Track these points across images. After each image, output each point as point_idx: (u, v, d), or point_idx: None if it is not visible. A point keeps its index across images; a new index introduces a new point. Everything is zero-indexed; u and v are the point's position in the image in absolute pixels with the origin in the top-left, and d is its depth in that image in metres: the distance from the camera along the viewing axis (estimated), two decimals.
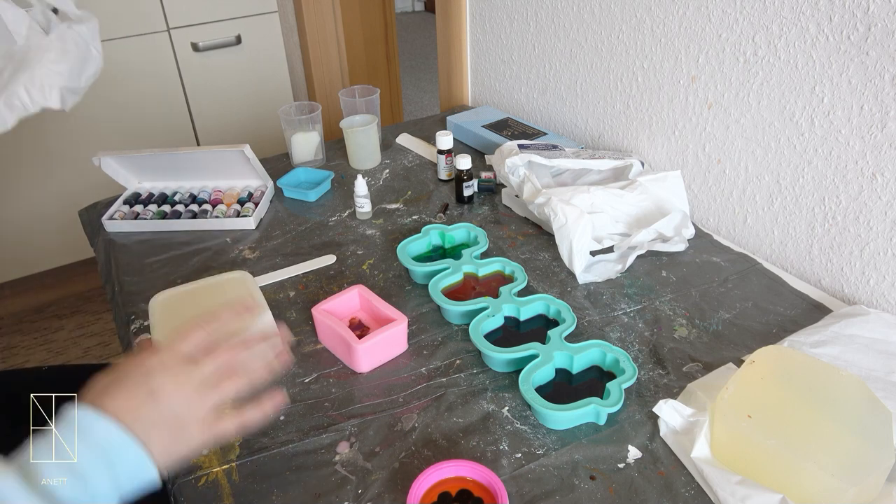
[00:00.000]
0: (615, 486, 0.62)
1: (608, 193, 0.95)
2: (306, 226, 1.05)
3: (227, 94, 1.98)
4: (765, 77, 0.88)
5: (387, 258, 0.96)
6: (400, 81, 2.57)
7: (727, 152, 0.96)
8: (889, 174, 0.78)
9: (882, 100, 0.76)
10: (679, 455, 0.64)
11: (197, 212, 1.07)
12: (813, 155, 0.85)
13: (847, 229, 0.84)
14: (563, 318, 0.79)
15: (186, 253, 0.99)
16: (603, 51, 1.12)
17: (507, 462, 0.64)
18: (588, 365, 0.75)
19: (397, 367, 0.76)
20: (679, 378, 0.74)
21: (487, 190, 1.12)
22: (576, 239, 0.89)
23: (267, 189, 1.12)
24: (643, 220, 0.95)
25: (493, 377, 0.75)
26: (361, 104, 1.24)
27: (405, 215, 1.07)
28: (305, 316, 0.85)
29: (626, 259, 0.91)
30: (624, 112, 1.12)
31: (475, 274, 0.88)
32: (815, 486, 0.56)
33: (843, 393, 0.62)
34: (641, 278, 0.90)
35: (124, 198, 1.12)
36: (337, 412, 0.71)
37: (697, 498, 0.60)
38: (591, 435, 0.67)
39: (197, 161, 1.11)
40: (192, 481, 0.63)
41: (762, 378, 0.64)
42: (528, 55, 1.31)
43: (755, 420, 0.60)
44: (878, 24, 0.74)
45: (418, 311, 0.85)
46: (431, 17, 4.70)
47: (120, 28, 1.74)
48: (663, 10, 0.98)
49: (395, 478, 0.63)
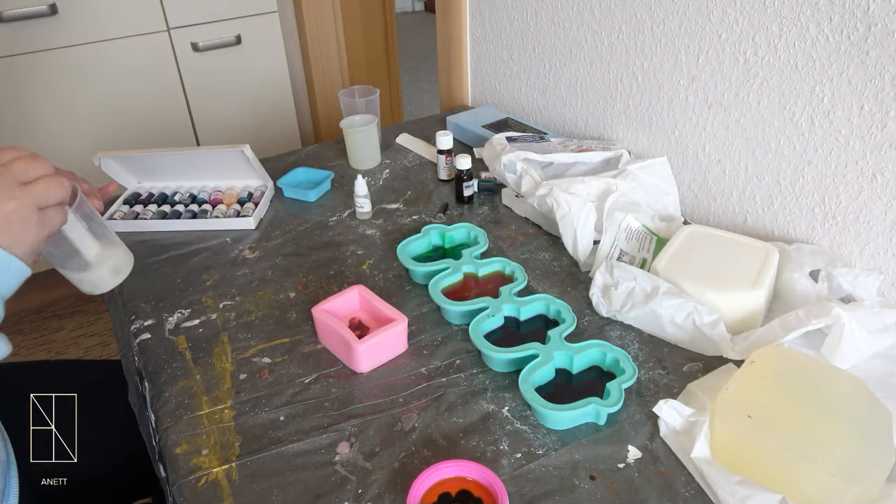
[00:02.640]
0: (615, 486, 0.62)
1: (601, 182, 0.96)
2: (306, 226, 1.05)
3: (227, 94, 1.98)
4: (765, 77, 0.88)
5: (387, 258, 0.96)
6: (400, 81, 2.57)
7: (727, 152, 0.96)
8: (889, 174, 0.78)
9: (882, 100, 0.76)
10: (679, 455, 0.64)
11: (197, 212, 1.07)
12: (813, 155, 0.85)
13: (847, 229, 0.84)
14: (563, 318, 0.79)
15: (186, 253, 0.99)
16: (603, 51, 1.12)
17: (507, 462, 0.64)
18: (588, 365, 0.75)
19: (397, 367, 0.76)
20: (679, 378, 0.74)
21: (487, 190, 1.12)
22: (580, 227, 0.90)
23: (267, 189, 1.12)
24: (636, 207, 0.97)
25: (493, 377, 0.75)
26: (361, 104, 1.24)
27: (405, 215, 1.07)
28: (305, 316, 0.85)
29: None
30: (624, 112, 1.12)
31: (475, 274, 0.88)
32: (815, 486, 0.56)
33: (843, 393, 0.62)
34: None
35: (124, 198, 1.12)
36: (337, 412, 0.71)
37: (697, 498, 0.60)
38: (591, 435, 0.67)
39: (197, 161, 1.11)
40: (192, 481, 0.63)
41: (762, 378, 0.64)
42: (528, 55, 1.31)
43: (755, 420, 0.60)
44: (878, 24, 0.74)
45: (418, 311, 0.85)
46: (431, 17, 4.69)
47: (120, 28, 1.75)
48: (663, 10, 0.98)
49: (395, 478, 0.63)
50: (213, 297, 0.89)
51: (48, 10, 1.63)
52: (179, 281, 0.92)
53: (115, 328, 0.90)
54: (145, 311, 0.87)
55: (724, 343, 0.74)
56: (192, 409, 0.71)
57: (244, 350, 0.79)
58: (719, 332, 0.74)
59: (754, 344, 0.73)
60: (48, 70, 1.70)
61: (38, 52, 1.67)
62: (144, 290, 0.90)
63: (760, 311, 0.78)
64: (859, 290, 0.77)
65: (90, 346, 1.79)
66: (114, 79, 1.78)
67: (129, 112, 1.84)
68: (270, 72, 2.02)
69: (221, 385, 0.74)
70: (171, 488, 0.64)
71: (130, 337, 0.83)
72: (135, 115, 1.85)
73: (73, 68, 1.72)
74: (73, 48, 1.70)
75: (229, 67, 1.94)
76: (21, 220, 0.54)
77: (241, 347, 0.80)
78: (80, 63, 1.72)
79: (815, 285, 0.78)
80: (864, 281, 0.78)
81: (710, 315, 0.75)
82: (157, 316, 0.86)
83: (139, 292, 0.90)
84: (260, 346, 0.80)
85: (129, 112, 1.84)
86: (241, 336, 0.82)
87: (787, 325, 0.72)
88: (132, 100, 1.83)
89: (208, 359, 0.78)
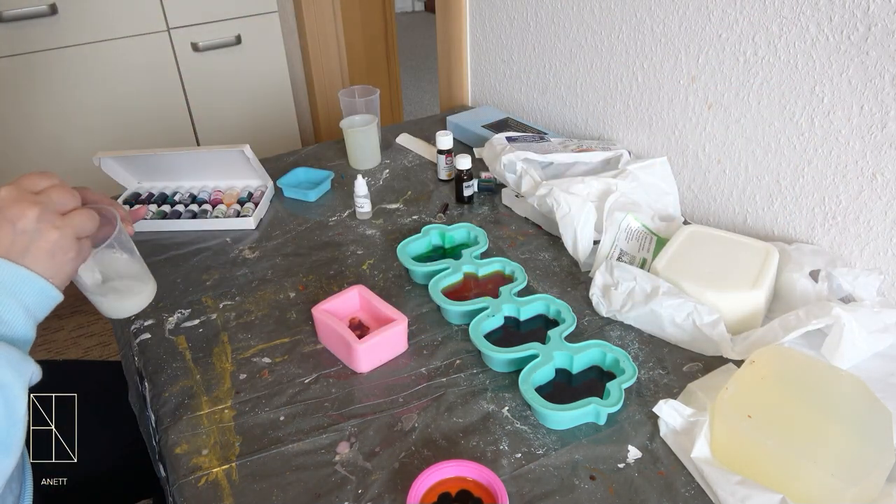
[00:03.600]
0: (615, 486, 0.62)
1: (601, 182, 0.96)
2: (306, 226, 1.05)
3: (227, 94, 1.98)
4: (765, 77, 0.88)
5: (387, 258, 0.96)
6: (400, 81, 2.57)
7: (727, 152, 0.96)
8: (889, 174, 0.78)
9: (882, 100, 0.76)
10: (679, 455, 0.64)
11: (197, 212, 1.07)
12: (813, 155, 0.85)
13: (847, 229, 0.84)
14: (563, 318, 0.79)
15: (186, 253, 0.99)
16: (603, 51, 1.12)
17: (507, 462, 0.64)
18: (588, 365, 0.75)
19: (397, 367, 0.76)
20: (679, 378, 0.74)
21: (487, 190, 1.12)
22: (580, 227, 0.90)
23: (267, 189, 1.12)
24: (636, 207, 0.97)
25: (493, 377, 0.75)
26: (361, 104, 1.24)
27: (405, 215, 1.07)
28: (305, 316, 0.85)
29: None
30: (624, 112, 1.12)
31: (475, 274, 0.88)
32: (815, 486, 0.56)
33: (843, 393, 0.62)
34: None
35: (124, 198, 1.12)
36: (337, 412, 0.71)
37: (697, 498, 0.60)
38: (591, 435, 0.67)
39: (197, 161, 1.11)
40: (192, 481, 0.63)
41: (762, 378, 0.64)
42: (528, 55, 1.31)
43: (755, 420, 0.60)
44: (878, 24, 0.74)
45: (418, 311, 0.85)
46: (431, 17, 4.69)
47: (120, 28, 1.75)
48: (663, 10, 0.98)
49: (395, 478, 0.63)
50: (213, 297, 0.89)
51: (48, 10, 1.63)
52: (179, 281, 0.92)
53: (115, 328, 0.90)
54: (145, 311, 0.86)
55: (724, 343, 0.74)
56: (192, 409, 0.71)
57: (244, 350, 0.79)
58: (719, 332, 0.74)
59: (754, 344, 0.73)
60: (48, 70, 1.70)
61: (38, 52, 1.67)
62: None
63: (760, 311, 0.78)
64: (859, 290, 0.77)
65: (90, 346, 1.79)
66: (114, 79, 1.78)
67: (129, 112, 1.84)
68: (270, 72, 2.02)
69: (221, 385, 0.74)
70: (171, 488, 0.64)
71: (130, 337, 0.83)
72: (135, 115, 1.85)
73: (73, 68, 1.72)
74: (73, 48, 1.70)
75: (229, 67, 1.94)
76: (62, 251, 0.55)
77: (241, 347, 0.80)
78: (80, 63, 1.72)
79: (815, 285, 0.78)
80: (864, 281, 0.78)
81: (710, 315, 0.75)
82: (157, 316, 0.86)
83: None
84: (260, 346, 0.80)
85: (129, 112, 1.84)
86: (241, 336, 0.82)
87: (787, 325, 0.72)
88: (132, 100, 1.83)
89: (208, 359, 0.78)
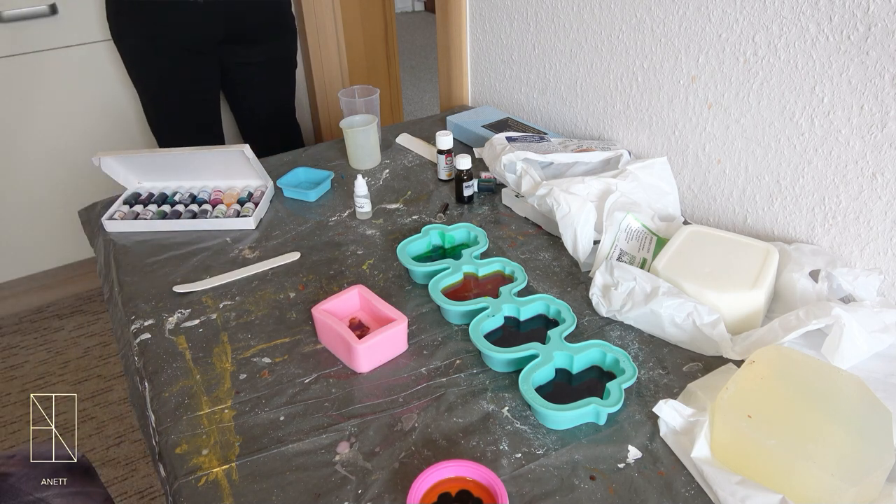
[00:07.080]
0: (615, 486, 0.62)
1: (601, 182, 0.96)
2: (306, 226, 1.05)
3: None
4: (765, 77, 0.88)
5: (387, 258, 0.96)
6: (400, 81, 2.57)
7: (727, 152, 0.96)
8: (889, 174, 0.78)
9: (882, 100, 0.76)
10: (679, 455, 0.64)
11: (197, 212, 1.07)
12: (813, 155, 0.85)
13: (847, 229, 0.84)
14: (563, 318, 0.79)
15: (186, 253, 0.99)
16: (603, 51, 1.12)
17: (507, 462, 0.64)
18: (588, 365, 0.75)
19: (397, 367, 0.76)
20: (679, 378, 0.74)
21: (487, 190, 1.12)
22: (580, 227, 0.90)
23: (267, 189, 1.12)
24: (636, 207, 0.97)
25: (493, 377, 0.75)
26: (361, 104, 1.24)
27: (405, 215, 1.07)
28: (305, 316, 0.85)
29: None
30: (624, 112, 1.12)
31: (475, 274, 0.88)
32: (815, 486, 0.56)
33: (843, 393, 0.62)
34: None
35: (124, 198, 1.12)
36: (337, 412, 0.71)
37: (697, 498, 0.60)
38: (591, 435, 0.67)
39: (197, 161, 1.11)
40: (192, 481, 0.63)
41: (762, 378, 0.64)
42: (528, 55, 1.31)
43: (755, 420, 0.60)
44: (878, 24, 0.74)
45: (418, 311, 0.85)
46: (431, 17, 4.69)
47: None
48: (663, 10, 0.98)
49: (395, 478, 0.63)
50: (213, 297, 0.89)
51: (48, 10, 1.63)
52: (179, 281, 0.92)
53: (115, 328, 0.90)
54: (145, 311, 0.87)
55: (724, 343, 0.74)
56: (192, 409, 0.71)
57: (244, 350, 0.79)
58: (719, 332, 0.74)
59: (754, 344, 0.73)
60: (48, 70, 1.70)
61: (38, 52, 1.67)
62: (144, 290, 0.90)
63: (760, 311, 0.78)
64: (859, 290, 0.77)
65: (90, 346, 1.79)
66: (113, 79, 1.78)
67: (129, 112, 1.84)
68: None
69: (221, 385, 0.74)
70: (170, 488, 0.64)
71: (130, 337, 0.83)
72: (135, 115, 1.84)
73: (73, 68, 1.72)
74: (73, 48, 1.70)
75: None
76: None
77: (241, 347, 0.80)
78: (80, 63, 1.72)
79: (815, 285, 0.78)
80: (864, 281, 0.78)
81: (710, 315, 0.75)
82: (157, 316, 0.86)
83: (139, 292, 0.90)
84: (260, 346, 0.80)
85: (129, 112, 1.84)
86: (241, 336, 0.82)
87: (787, 325, 0.72)
88: (132, 100, 1.83)
89: (208, 359, 0.78)
